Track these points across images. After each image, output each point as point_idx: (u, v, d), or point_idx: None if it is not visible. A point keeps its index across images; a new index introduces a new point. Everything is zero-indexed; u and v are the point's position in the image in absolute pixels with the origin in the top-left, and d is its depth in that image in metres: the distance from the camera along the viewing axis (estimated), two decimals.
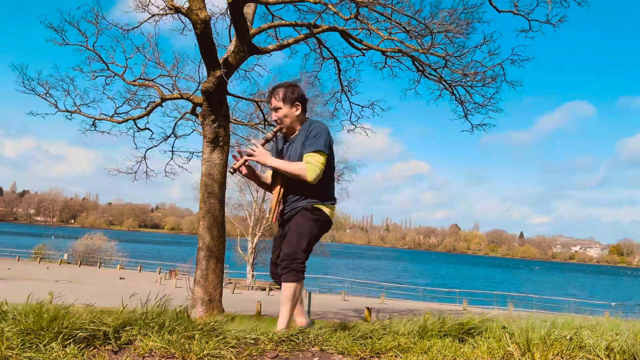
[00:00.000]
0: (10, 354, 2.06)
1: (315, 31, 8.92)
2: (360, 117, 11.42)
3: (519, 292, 38.40)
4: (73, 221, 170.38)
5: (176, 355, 2.21)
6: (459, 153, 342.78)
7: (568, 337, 2.47)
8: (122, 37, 10.45)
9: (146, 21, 9.91)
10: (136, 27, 10.23)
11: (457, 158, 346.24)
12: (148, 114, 10.78)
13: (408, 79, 17.78)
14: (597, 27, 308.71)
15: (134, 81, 10.22)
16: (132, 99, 11.04)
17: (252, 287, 31.53)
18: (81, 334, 2.24)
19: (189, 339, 2.33)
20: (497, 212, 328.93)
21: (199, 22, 7.05)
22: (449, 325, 2.72)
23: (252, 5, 8.71)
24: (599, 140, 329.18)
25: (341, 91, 11.09)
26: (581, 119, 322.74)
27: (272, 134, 3.13)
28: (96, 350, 2.22)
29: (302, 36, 9.16)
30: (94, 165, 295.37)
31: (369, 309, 17.12)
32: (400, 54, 9.69)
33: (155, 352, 2.23)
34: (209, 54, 7.45)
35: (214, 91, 7.65)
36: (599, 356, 2.32)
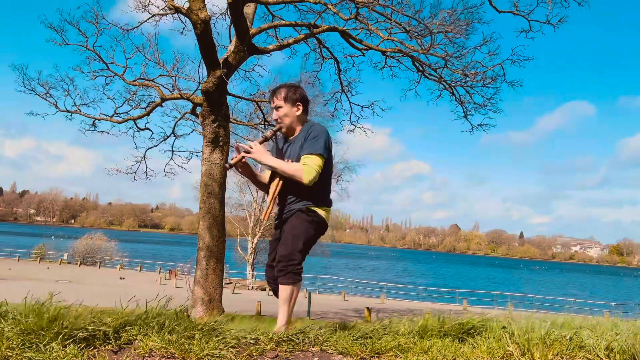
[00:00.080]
0: (11, 354, 2.06)
1: (315, 31, 8.92)
2: (360, 117, 11.46)
3: (519, 292, 38.38)
4: (73, 221, 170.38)
5: (176, 355, 2.21)
6: (459, 153, 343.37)
7: (568, 337, 2.47)
8: (122, 37, 10.49)
9: (146, 21, 9.93)
10: (136, 27, 10.25)
11: (457, 158, 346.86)
12: (148, 114, 10.79)
13: (408, 79, 17.78)
14: (597, 27, 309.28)
15: (134, 81, 10.23)
16: (132, 99, 11.07)
17: (252, 287, 31.53)
18: (81, 334, 2.24)
19: (189, 339, 2.33)
20: (497, 212, 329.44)
21: (199, 22, 7.06)
22: (449, 325, 2.72)
23: (252, 5, 8.71)
24: (599, 140, 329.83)
25: (341, 91, 11.10)
26: (581, 119, 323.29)
27: (271, 133, 3.12)
28: (96, 350, 2.22)
29: (302, 36, 9.16)
30: (93, 165, 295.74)
31: (369, 309, 17.12)
32: (400, 54, 9.70)
33: (155, 352, 2.24)
34: (209, 54, 7.45)
35: (214, 91, 7.65)
36: (599, 356, 2.32)
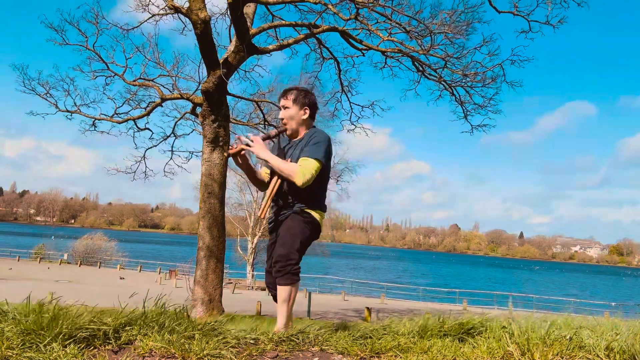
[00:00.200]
0: (11, 354, 2.06)
1: (315, 31, 8.92)
2: (360, 117, 11.47)
3: (519, 292, 38.37)
4: (73, 221, 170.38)
5: (176, 355, 2.21)
6: (459, 153, 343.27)
7: (568, 337, 2.47)
8: (122, 37, 10.50)
9: (146, 21, 9.94)
10: (136, 27, 10.26)
11: (457, 158, 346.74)
12: (148, 114, 10.80)
13: (408, 79, 17.79)
14: (597, 27, 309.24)
15: (134, 81, 10.23)
16: (132, 99, 11.07)
17: (252, 287, 31.52)
18: (81, 334, 2.24)
19: (189, 339, 2.33)
20: (497, 212, 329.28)
21: (199, 22, 7.06)
22: (449, 325, 2.72)
23: (252, 5, 8.71)
24: (599, 140, 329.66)
25: (341, 91, 11.10)
26: (581, 119, 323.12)
27: (274, 132, 3.16)
28: (96, 350, 2.22)
29: (302, 36, 9.16)
30: (93, 165, 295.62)
31: (369, 309, 17.11)
32: (400, 55, 9.70)
33: (155, 352, 2.23)
34: (209, 54, 7.45)
35: (214, 91, 7.65)
36: (598, 356, 2.32)
